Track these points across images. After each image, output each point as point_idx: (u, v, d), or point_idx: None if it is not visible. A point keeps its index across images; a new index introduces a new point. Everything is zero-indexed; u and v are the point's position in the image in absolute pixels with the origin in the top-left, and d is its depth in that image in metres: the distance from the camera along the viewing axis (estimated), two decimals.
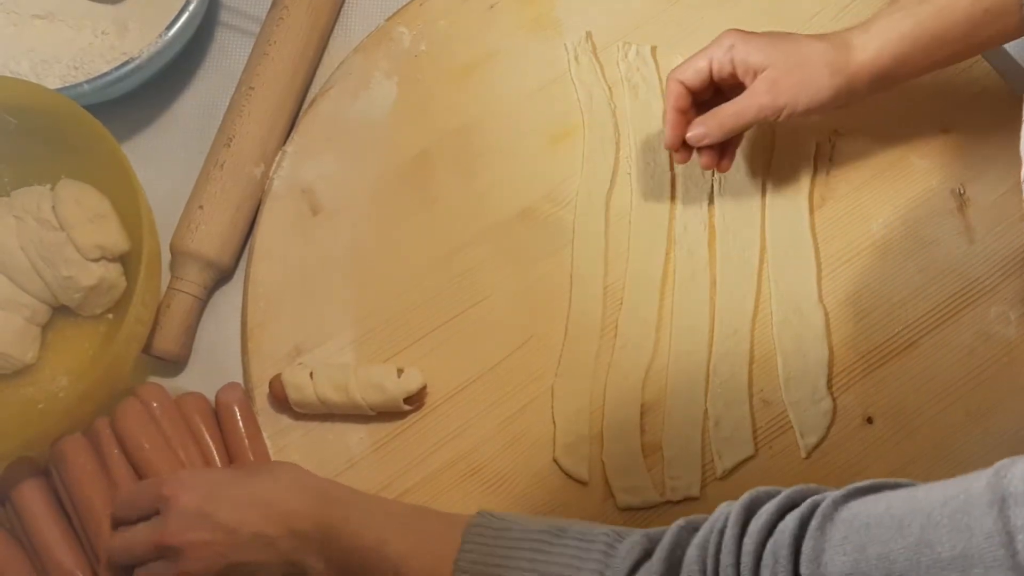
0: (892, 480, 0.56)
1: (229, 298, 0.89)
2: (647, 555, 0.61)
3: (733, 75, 0.77)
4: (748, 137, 0.87)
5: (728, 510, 0.58)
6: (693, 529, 0.60)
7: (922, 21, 0.73)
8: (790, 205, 0.86)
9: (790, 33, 0.77)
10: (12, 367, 0.83)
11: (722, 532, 0.57)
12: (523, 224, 0.87)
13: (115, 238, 0.83)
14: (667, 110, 0.79)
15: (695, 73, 0.76)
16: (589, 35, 0.92)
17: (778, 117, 0.76)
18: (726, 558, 0.56)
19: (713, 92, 0.79)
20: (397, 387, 0.80)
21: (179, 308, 0.85)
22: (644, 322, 0.83)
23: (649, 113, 0.89)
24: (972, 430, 0.80)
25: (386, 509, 0.70)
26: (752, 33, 0.77)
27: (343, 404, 0.81)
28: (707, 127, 0.77)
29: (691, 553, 0.58)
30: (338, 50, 0.95)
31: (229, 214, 0.87)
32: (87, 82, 0.85)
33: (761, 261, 0.85)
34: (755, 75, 0.75)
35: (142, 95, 0.92)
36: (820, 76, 0.74)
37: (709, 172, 0.87)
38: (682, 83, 0.77)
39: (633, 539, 0.61)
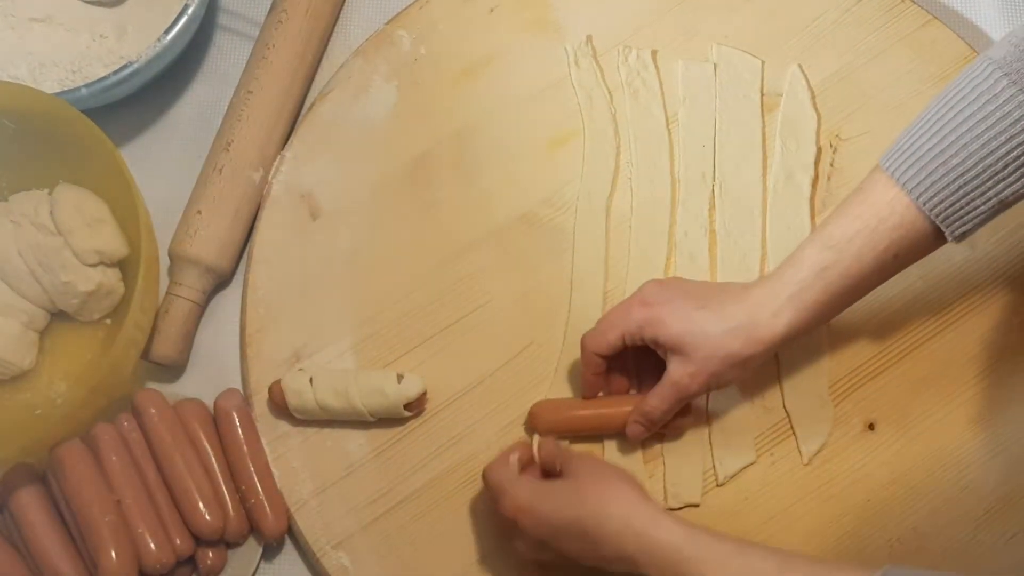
0: None
1: (228, 303, 0.88)
2: None
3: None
4: (749, 143, 0.87)
5: None
6: None
7: (828, 285, 0.71)
8: (791, 210, 0.86)
9: (693, 303, 0.74)
10: (10, 373, 0.82)
11: None
12: (523, 229, 0.87)
13: (113, 243, 0.82)
14: (584, 374, 0.78)
15: (608, 347, 0.76)
16: (589, 39, 0.91)
17: (702, 393, 0.75)
18: None
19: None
20: (397, 393, 0.80)
21: (178, 313, 0.85)
22: None
23: (649, 117, 0.89)
24: (973, 437, 0.80)
25: (754, 570, 0.64)
26: (655, 306, 0.74)
27: (343, 410, 0.81)
28: (644, 425, 0.77)
29: None
30: (337, 54, 0.95)
31: (228, 219, 0.86)
32: (85, 86, 0.85)
33: (762, 266, 0.85)
34: (665, 350, 0.74)
35: (140, 99, 0.92)
36: (732, 366, 0.73)
37: (710, 177, 0.87)
38: (598, 354, 0.76)
39: None
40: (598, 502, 0.68)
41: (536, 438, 0.78)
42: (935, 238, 0.71)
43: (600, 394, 0.80)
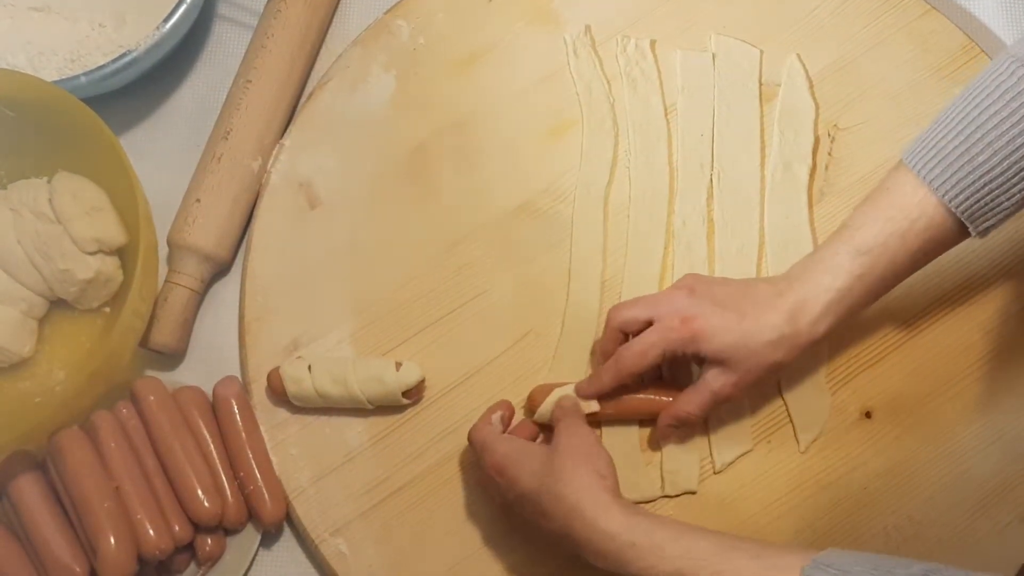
0: None
1: (227, 291, 0.89)
2: None
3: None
4: (747, 133, 0.87)
5: None
6: None
7: (867, 288, 0.73)
8: (789, 200, 0.86)
9: (733, 314, 0.73)
10: (9, 360, 0.83)
11: None
12: (521, 218, 0.87)
13: (112, 231, 0.82)
14: (600, 348, 0.78)
15: (649, 366, 0.74)
16: (588, 29, 0.91)
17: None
18: None
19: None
20: (396, 380, 0.80)
21: (176, 301, 0.85)
22: None
23: (648, 107, 0.89)
24: (971, 425, 0.80)
25: (693, 553, 0.64)
26: (699, 321, 0.73)
27: (341, 398, 0.81)
28: (676, 427, 0.77)
29: None
30: (336, 43, 0.95)
31: (227, 207, 0.87)
32: (84, 75, 0.85)
33: (760, 255, 0.85)
34: (706, 362, 0.74)
35: (139, 88, 0.92)
36: (772, 373, 0.74)
37: (708, 167, 0.87)
38: (632, 373, 0.75)
39: None
40: (559, 480, 0.69)
41: (557, 391, 0.78)
42: (960, 233, 0.72)
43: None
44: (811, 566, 0.59)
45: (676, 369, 0.79)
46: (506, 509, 0.76)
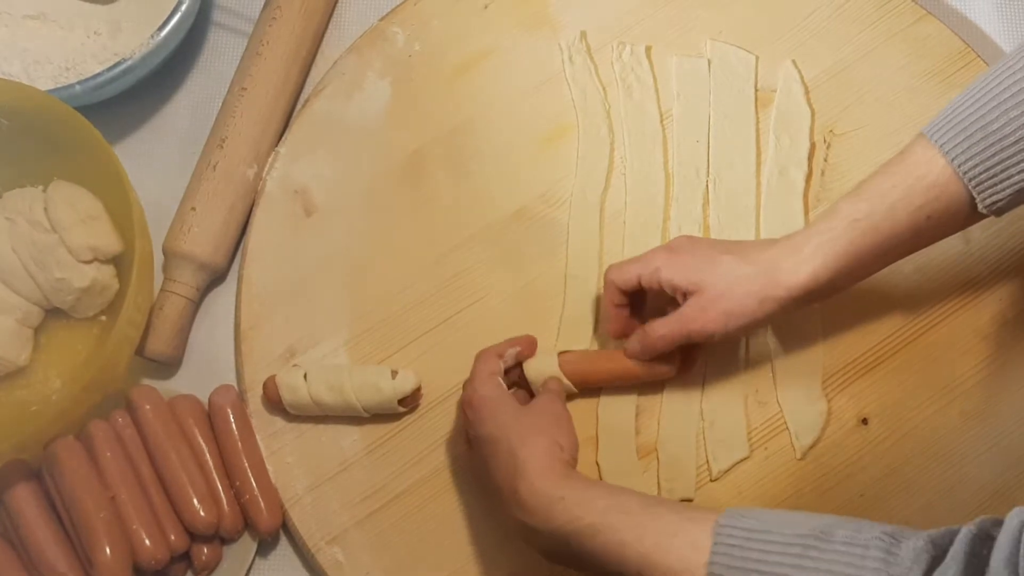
0: None
1: (222, 300, 0.89)
2: (935, 563, 0.56)
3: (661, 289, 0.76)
4: (743, 139, 0.87)
5: None
6: (987, 537, 0.55)
7: (860, 236, 0.70)
8: (785, 205, 0.86)
9: (718, 249, 0.74)
10: (4, 369, 0.82)
11: None
12: (517, 225, 0.87)
13: (107, 240, 0.82)
14: (604, 304, 0.79)
15: (625, 281, 0.76)
16: (583, 35, 0.91)
17: (710, 340, 0.74)
18: None
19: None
20: (392, 388, 0.80)
21: (172, 310, 0.85)
22: None
23: (643, 113, 0.89)
24: (967, 431, 0.80)
25: (624, 509, 0.66)
26: (679, 253, 0.75)
27: (337, 405, 0.81)
28: (641, 346, 0.76)
29: (997, 568, 0.53)
30: (331, 50, 0.95)
31: (222, 215, 0.87)
32: (79, 83, 0.85)
33: None
34: (683, 294, 0.74)
35: (134, 96, 0.92)
36: (747, 305, 0.71)
37: (704, 173, 0.87)
38: (615, 283, 0.77)
39: (916, 545, 0.57)
40: (518, 437, 0.71)
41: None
42: (969, 209, 0.70)
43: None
44: (725, 515, 0.62)
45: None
46: (468, 443, 0.77)
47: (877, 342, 0.82)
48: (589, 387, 0.81)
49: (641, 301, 0.80)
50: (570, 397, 0.81)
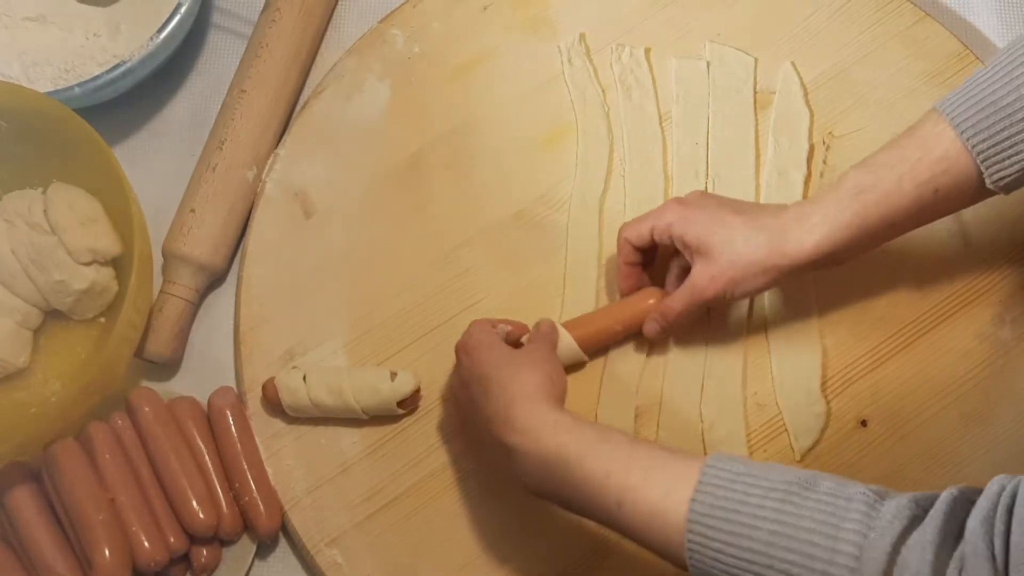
0: None
1: (222, 301, 0.89)
2: (915, 521, 0.56)
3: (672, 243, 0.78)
4: (742, 141, 0.87)
5: (1010, 485, 0.54)
6: (967, 500, 0.56)
7: (865, 208, 0.71)
8: None
9: (730, 209, 0.75)
10: (4, 371, 0.83)
11: (1010, 511, 0.53)
12: (517, 226, 0.87)
13: (107, 242, 0.82)
14: (618, 263, 0.81)
15: (638, 237, 0.78)
16: (583, 37, 0.91)
17: (721, 302, 0.76)
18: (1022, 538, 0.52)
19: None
20: (391, 390, 0.80)
21: (171, 312, 0.85)
22: None
23: (643, 115, 0.89)
24: (967, 433, 0.80)
25: (613, 441, 0.67)
26: (691, 208, 0.76)
27: (336, 407, 0.81)
28: (660, 324, 0.79)
29: (973, 526, 0.54)
30: (331, 52, 0.95)
31: (221, 217, 0.87)
32: (78, 85, 0.85)
33: None
34: (691, 251, 0.75)
35: (134, 98, 0.92)
36: (754, 272, 0.73)
37: (703, 175, 0.87)
38: (629, 241, 0.79)
39: (899, 502, 0.57)
40: (514, 370, 0.72)
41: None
42: (977, 185, 0.70)
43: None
44: (714, 456, 0.63)
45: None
46: (456, 387, 0.78)
47: (877, 343, 0.82)
48: (594, 346, 0.81)
49: (651, 258, 0.81)
50: (575, 368, 0.81)
